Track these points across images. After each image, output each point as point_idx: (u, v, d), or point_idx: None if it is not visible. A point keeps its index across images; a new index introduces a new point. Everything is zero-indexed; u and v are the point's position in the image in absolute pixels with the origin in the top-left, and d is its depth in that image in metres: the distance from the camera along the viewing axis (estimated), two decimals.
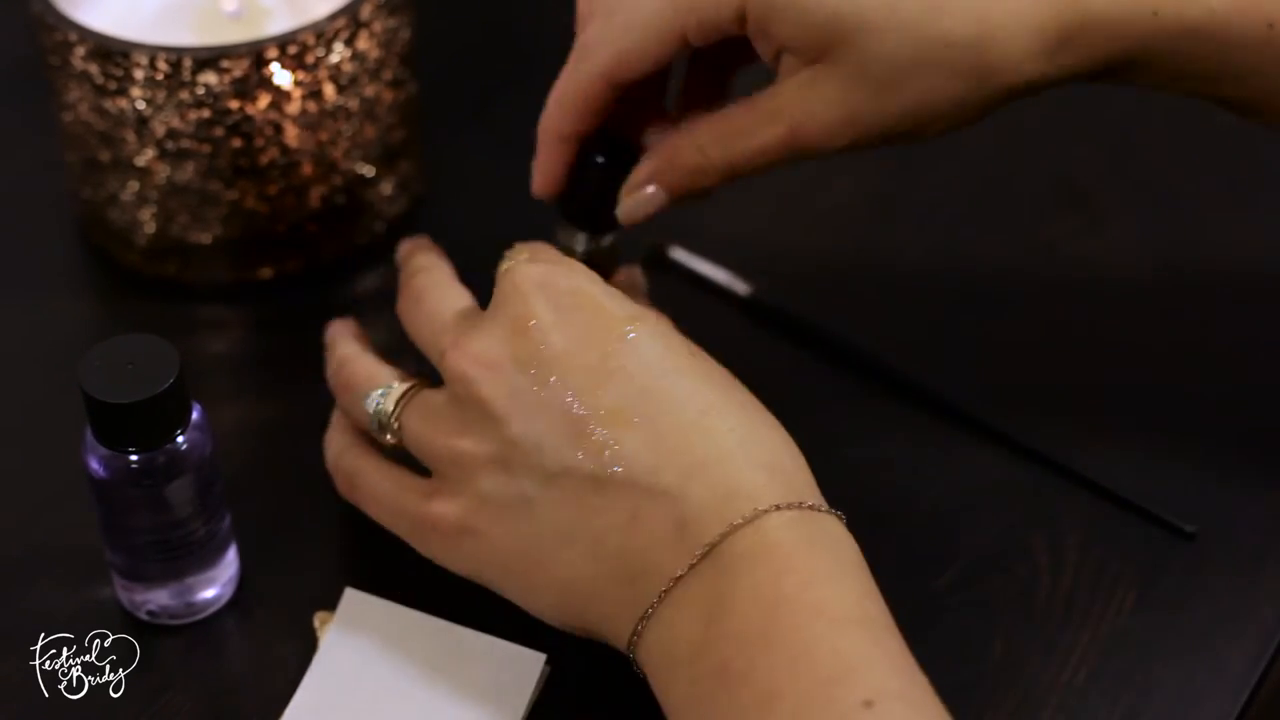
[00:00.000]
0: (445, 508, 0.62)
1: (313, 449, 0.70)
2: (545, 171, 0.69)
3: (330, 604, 0.66)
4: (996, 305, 0.78)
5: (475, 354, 0.61)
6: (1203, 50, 0.63)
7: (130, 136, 0.74)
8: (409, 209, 0.82)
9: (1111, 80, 0.65)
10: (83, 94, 0.74)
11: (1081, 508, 0.70)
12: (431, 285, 0.67)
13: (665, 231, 0.78)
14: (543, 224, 0.69)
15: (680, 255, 0.79)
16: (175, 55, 0.72)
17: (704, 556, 0.57)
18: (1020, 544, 0.68)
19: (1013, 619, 0.66)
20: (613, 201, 0.69)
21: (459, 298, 0.66)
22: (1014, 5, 0.62)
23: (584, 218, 0.70)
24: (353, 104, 0.76)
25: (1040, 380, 0.75)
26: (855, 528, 0.59)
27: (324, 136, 0.76)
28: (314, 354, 0.70)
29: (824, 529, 0.58)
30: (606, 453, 0.59)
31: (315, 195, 0.77)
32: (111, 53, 0.72)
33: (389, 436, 0.64)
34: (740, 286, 0.78)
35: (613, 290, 0.63)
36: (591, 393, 0.59)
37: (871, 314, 0.77)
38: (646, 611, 0.58)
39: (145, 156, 0.75)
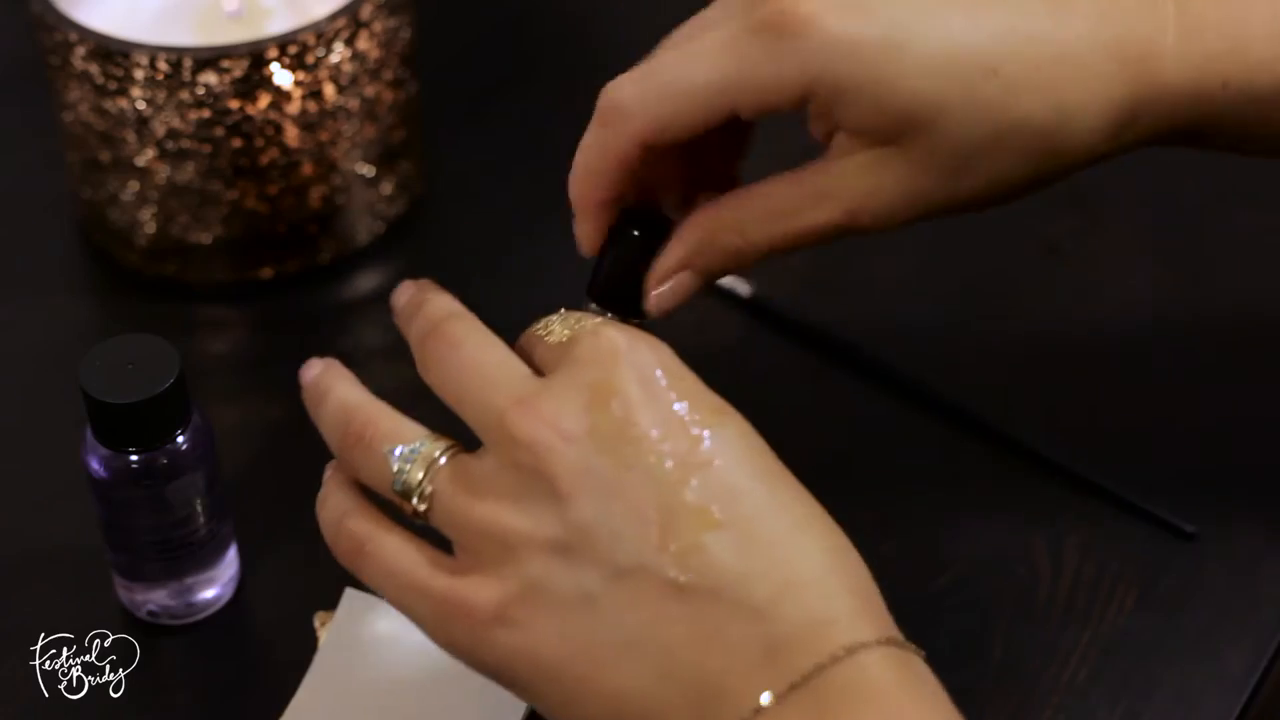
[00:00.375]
0: (481, 590, 0.53)
1: (313, 449, 0.70)
2: (591, 236, 0.62)
3: (330, 604, 0.65)
4: (996, 305, 0.78)
5: (548, 419, 0.53)
6: (1274, 114, 0.61)
7: (130, 136, 0.74)
8: (409, 209, 0.82)
9: (1177, 145, 0.63)
10: (83, 94, 0.74)
11: (1081, 508, 0.70)
12: (471, 332, 0.57)
13: None
14: (543, 225, 0.69)
15: None
16: (175, 55, 0.72)
17: (795, 687, 0.51)
18: (1020, 544, 0.68)
19: (1013, 619, 0.66)
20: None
21: (506, 351, 0.57)
22: (1088, 83, 0.59)
23: (619, 299, 0.62)
24: (353, 104, 0.76)
25: (1040, 380, 0.75)
26: (855, 528, 0.59)
27: (324, 136, 0.76)
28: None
29: (919, 672, 0.53)
30: (690, 555, 0.52)
31: (315, 195, 0.77)
32: (111, 53, 0.72)
33: (415, 502, 0.55)
34: (742, 287, 0.77)
35: (696, 377, 0.56)
36: (677, 484, 0.52)
37: (872, 314, 0.77)
38: None
39: (145, 156, 0.75)
